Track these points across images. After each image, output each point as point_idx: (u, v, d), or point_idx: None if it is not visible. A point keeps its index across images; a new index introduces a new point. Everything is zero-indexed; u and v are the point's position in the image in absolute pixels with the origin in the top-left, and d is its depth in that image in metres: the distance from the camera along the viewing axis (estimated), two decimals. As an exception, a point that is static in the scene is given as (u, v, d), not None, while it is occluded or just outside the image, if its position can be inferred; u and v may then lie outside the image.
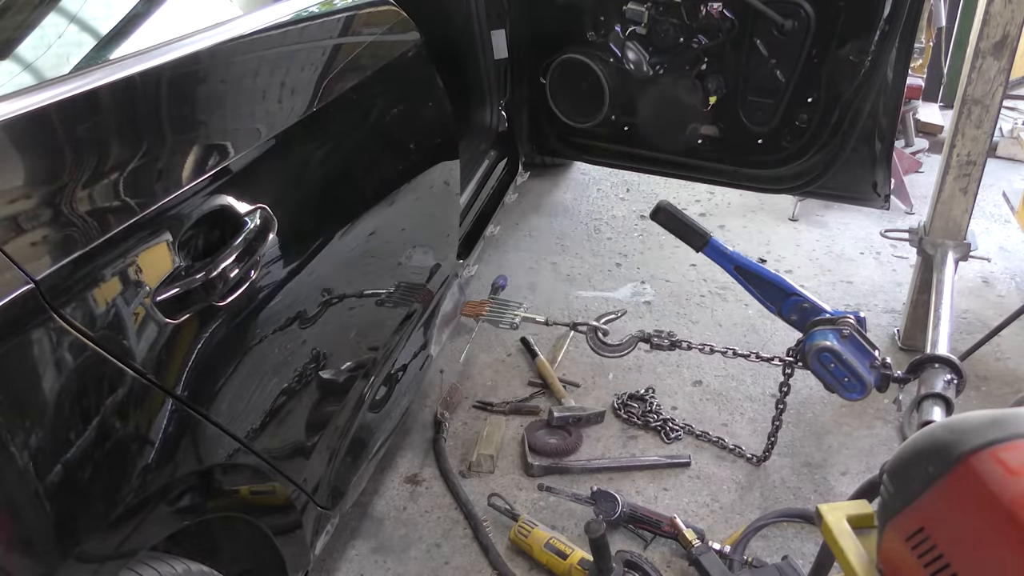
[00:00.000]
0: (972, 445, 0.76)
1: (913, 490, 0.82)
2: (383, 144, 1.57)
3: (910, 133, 3.80)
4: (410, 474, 1.97)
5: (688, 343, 1.89)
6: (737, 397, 2.24)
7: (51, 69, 0.95)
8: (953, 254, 2.24)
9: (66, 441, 0.81)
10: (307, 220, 1.26)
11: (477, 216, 2.45)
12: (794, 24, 2.18)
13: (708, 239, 1.78)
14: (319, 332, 1.30)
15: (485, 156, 2.68)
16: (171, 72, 1.04)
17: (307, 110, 1.27)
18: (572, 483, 1.91)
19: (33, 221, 0.82)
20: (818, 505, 0.99)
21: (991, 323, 2.24)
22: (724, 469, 1.98)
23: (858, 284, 2.83)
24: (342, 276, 1.40)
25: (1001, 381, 2.29)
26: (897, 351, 2.43)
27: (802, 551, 1.73)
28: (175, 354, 0.96)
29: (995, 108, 2.10)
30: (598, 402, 2.20)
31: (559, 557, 1.65)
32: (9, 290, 0.75)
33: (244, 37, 1.20)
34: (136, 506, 0.89)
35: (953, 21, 4.06)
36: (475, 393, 2.25)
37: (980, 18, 2.02)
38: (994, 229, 3.17)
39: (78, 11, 1.05)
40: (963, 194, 2.21)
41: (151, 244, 0.93)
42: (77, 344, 0.82)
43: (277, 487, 1.20)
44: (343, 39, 1.49)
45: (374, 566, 1.72)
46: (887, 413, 2.14)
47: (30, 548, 0.79)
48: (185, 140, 1.05)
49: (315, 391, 1.31)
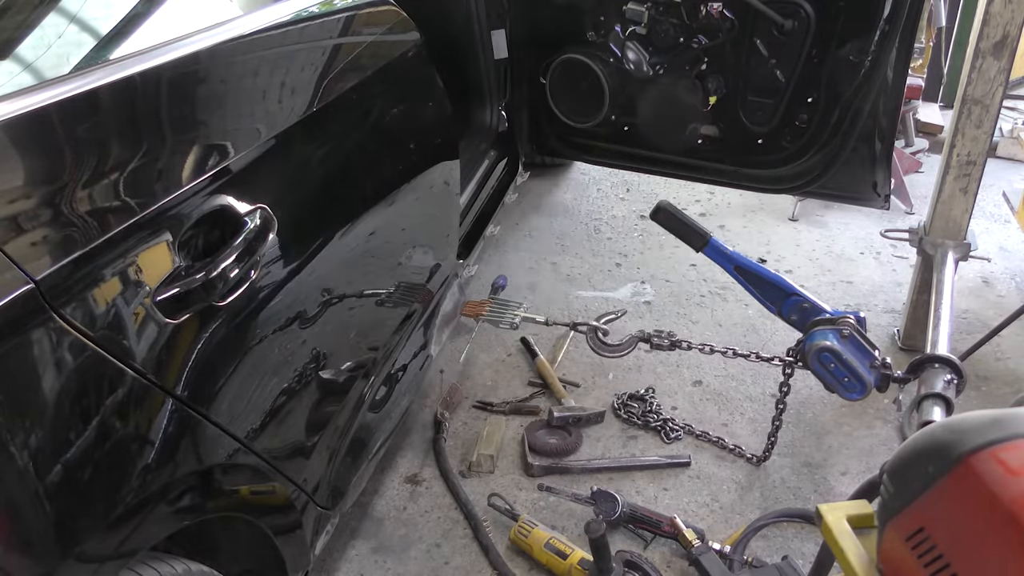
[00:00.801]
0: (972, 445, 0.76)
1: (913, 490, 0.82)
2: (383, 144, 1.57)
3: (910, 133, 3.80)
4: (410, 474, 1.97)
5: (688, 343, 1.89)
6: (737, 397, 2.24)
7: (51, 69, 0.95)
8: (953, 254, 2.24)
9: (66, 441, 0.81)
10: (307, 220, 1.26)
11: (477, 216, 2.45)
12: (794, 24, 2.18)
13: (708, 239, 1.78)
14: (319, 332, 1.30)
15: (485, 156, 2.69)
16: (171, 72, 1.04)
17: (307, 110, 1.27)
18: (572, 483, 1.91)
19: (33, 221, 0.82)
20: (818, 505, 0.99)
21: (991, 323, 2.24)
22: (724, 469, 1.98)
23: (858, 284, 2.83)
24: (342, 276, 1.40)
25: (1001, 381, 2.29)
26: (897, 351, 2.43)
27: (802, 551, 1.73)
28: (175, 354, 0.96)
29: (995, 108, 2.10)
30: (598, 402, 2.20)
31: (559, 557, 1.65)
32: (9, 290, 0.76)
33: (244, 37, 1.20)
34: (136, 506, 0.89)
35: (953, 21, 4.06)
36: (475, 393, 2.25)
37: (980, 18, 2.02)
38: (994, 229, 3.18)
39: (78, 11, 1.05)
40: (963, 194, 2.21)
41: (151, 244, 0.93)
42: (77, 344, 0.82)
43: (277, 487, 1.20)
44: (343, 39, 1.49)
45: (374, 566, 1.72)
46: (887, 413, 2.14)
47: (30, 548, 0.79)
48: (185, 140, 1.05)
49: (315, 391, 1.31)
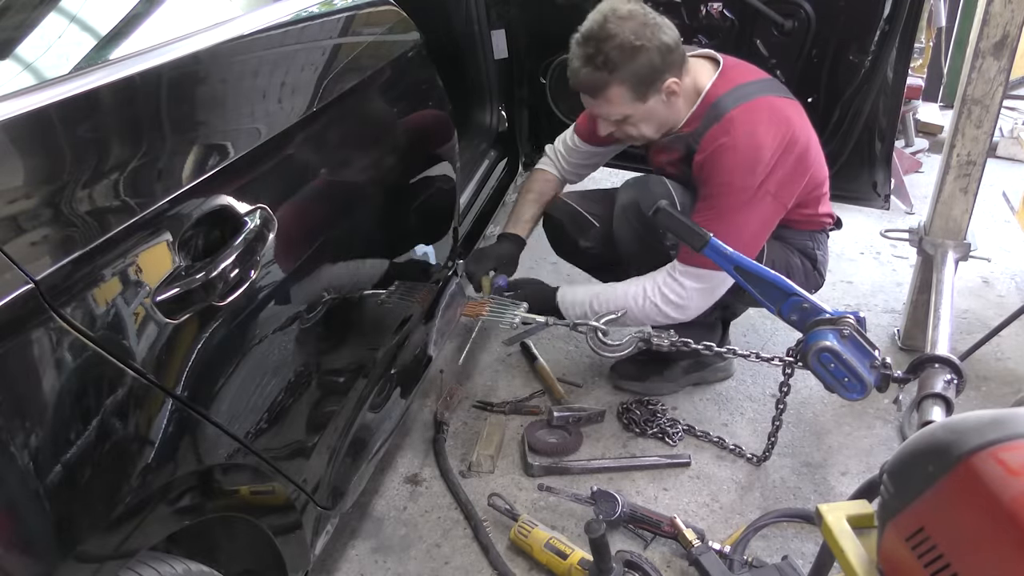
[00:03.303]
0: (972, 445, 0.76)
1: (913, 490, 0.82)
2: (383, 144, 1.57)
3: (910, 133, 3.81)
4: (410, 474, 1.97)
5: (688, 343, 1.89)
6: (737, 397, 2.24)
7: (51, 69, 0.95)
8: (953, 254, 2.24)
9: (66, 441, 0.81)
10: (307, 220, 1.26)
11: (477, 216, 2.45)
12: (794, 24, 2.18)
13: (708, 239, 1.78)
14: (319, 332, 1.30)
15: (485, 156, 2.69)
16: (171, 72, 1.04)
17: (307, 110, 1.27)
18: (572, 483, 1.91)
19: (33, 221, 0.82)
20: (818, 505, 0.99)
21: (991, 323, 2.24)
22: (724, 469, 1.98)
23: (858, 284, 2.83)
24: (342, 276, 1.40)
25: (1001, 381, 2.29)
26: (897, 351, 2.43)
27: (802, 551, 1.73)
28: (175, 354, 0.96)
29: (995, 108, 2.10)
30: (598, 402, 2.20)
31: (559, 557, 1.65)
32: (9, 290, 0.75)
33: (244, 37, 1.20)
34: (136, 506, 0.89)
35: (953, 21, 4.06)
36: (475, 393, 2.25)
37: (980, 18, 2.02)
38: (994, 229, 3.18)
39: (78, 11, 1.05)
40: (963, 194, 2.21)
41: (151, 244, 0.93)
42: (77, 344, 0.82)
43: (277, 487, 1.20)
44: (343, 39, 1.49)
45: (374, 566, 1.72)
46: (887, 413, 2.14)
47: (30, 548, 0.79)
48: (185, 140, 1.05)
49: (315, 391, 1.31)
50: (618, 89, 1.86)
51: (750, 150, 1.83)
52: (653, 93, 1.87)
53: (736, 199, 1.84)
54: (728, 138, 1.83)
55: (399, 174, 1.64)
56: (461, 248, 2.17)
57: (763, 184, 1.83)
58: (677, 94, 1.90)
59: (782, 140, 1.84)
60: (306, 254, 1.24)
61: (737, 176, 1.83)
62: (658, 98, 1.88)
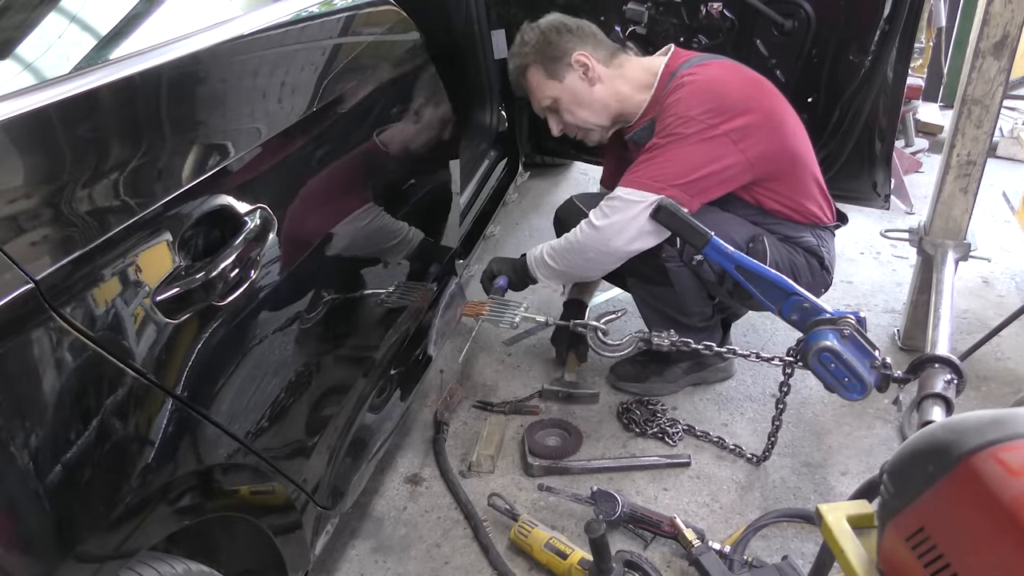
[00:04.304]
0: (972, 445, 0.76)
1: (913, 490, 0.82)
2: (383, 144, 1.57)
3: (910, 133, 3.81)
4: (410, 474, 1.97)
5: (688, 342, 1.89)
6: (737, 397, 2.24)
7: (51, 69, 0.95)
8: (953, 254, 2.24)
9: (66, 441, 0.81)
10: (307, 220, 1.26)
11: (477, 216, 2.45)
12: (794, 24, 2.18)
13: (709, 238, 1.78)
14: (319, 332, 1.30)
15: (485, 156, 2.69)
16: (171, 72, 1.05)
17: (307, 110, 1.27)
18: (572, 483, 1.91)
19: (33, 221, 0.82)
20: (818, 505, 0.99)
21: (991, 323, 2.24)
22: (724, 469, 1.98)
23: (858, 284, 2.83)
24: (342, 276, 1.40)
25: (1001, 381, 2.29)
26: (897, 351, 2.43)
27: (802, 551, 1.73)
28: (175, 354, 0.96)
29: (995, 108, 2.10)
30: (598, 402, 2.20)
31: (559, 557, 1.65)
32: (9, 290, 0.75)
33: (244, 37, 1.20)
34: (136, 506, 0.89)
35: (953, 21, 4.06)
36: (475, 393, 2.25)
37: (980, 18, 2.02)
38: (994, 229, 3.18)
39: (78, 11, 1.05)
40: (963, 194, 2.21)
41: (151, 244, 0.93)
42: (77, 344, 0.82)
43: (277, 487, 1.20)
44: (343, 39, 1.50)
45: (374, 566, 1.72)
46: (887, 413, 2.14)
47: (30, 548, 0.79)
48: (185, 140, 1.05)
49: (315, 391, 1.31)
50: (534, 72, 2.02)
51: (709, 84, 1.86)
52: (565, 69, 1.98)
53: (687, 128, 1.82)
54: (685, 88, 1.86)
55: (399, 174, 1.65)
56: (461, 248, 2.17)
57: (720, 125, 1.81)
58: (590, 67, 1.97)
59: (749, 90, 1.87)
60: (306, 254, 1.24)
61: (694, 107, 1.82)
62: (574, 75, 1.98)
